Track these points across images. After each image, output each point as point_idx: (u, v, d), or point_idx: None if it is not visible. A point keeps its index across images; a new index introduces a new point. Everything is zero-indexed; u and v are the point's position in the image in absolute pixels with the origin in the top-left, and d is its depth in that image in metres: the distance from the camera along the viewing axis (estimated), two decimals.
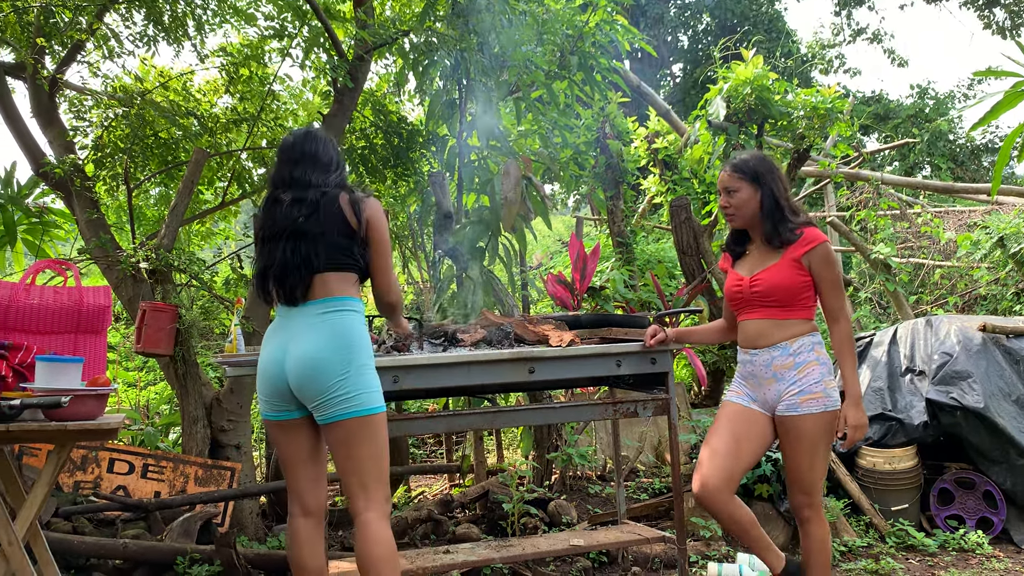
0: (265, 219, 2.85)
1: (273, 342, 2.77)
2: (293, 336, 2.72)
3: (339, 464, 2.73)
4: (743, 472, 3.04)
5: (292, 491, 2.84)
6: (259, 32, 5.61)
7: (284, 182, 2.85)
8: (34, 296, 3.28)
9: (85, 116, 5.36)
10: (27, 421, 2.61)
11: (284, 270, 2.75)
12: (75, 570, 4.05)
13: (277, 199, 2.83)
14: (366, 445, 2.68)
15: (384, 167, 6.27)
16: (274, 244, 2.78)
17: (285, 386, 2.72)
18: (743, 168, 3.09)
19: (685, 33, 21.97)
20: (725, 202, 3.13)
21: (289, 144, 2.90)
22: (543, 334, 3.60)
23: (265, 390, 2.77)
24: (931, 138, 15.74)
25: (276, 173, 2.90)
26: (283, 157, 2.89)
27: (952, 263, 8.60)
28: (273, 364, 2.73)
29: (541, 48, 5.33)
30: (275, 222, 2.79)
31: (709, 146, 6.43)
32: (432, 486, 6.63)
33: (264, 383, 2.76)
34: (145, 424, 6.30)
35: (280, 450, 2.85)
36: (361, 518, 2.69)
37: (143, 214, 6.47)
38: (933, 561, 4.27)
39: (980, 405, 4.51)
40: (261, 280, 2.83)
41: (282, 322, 2.79)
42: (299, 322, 2.74)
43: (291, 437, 2.80)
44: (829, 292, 3.01)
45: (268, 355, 2.76)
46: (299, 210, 2.77)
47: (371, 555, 2.65)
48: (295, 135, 2.93)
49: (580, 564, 4.29)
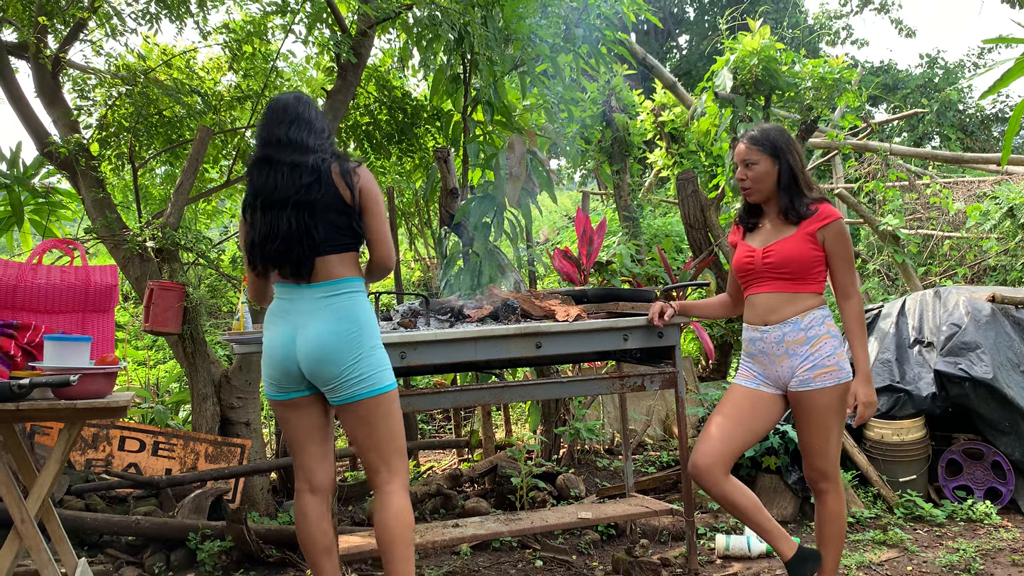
0: (263, 182, 2.71)
1: (279, 326, 2.72)
2: (301, 321, 2.68)
3: (358, 442, 2.74)
4: (736, 453, 3.01)
5: (300, 468, 2.84)
6: (262, 8, 5.57)
7: (279, 142, 2.73)
8: (41, 276, 3.29)
9: (89, 95, 5.35)
10: (37, 400, 2.63)
11: (288, 244, 2.67)
12: (88, 547, 4.09)
13: (271, 160, 2.71)
14: (383, 422, 2.71)
15: (389, 143, 6.25)
16: (276, 213, 2.68)
17: (296, 369, 2.69)
18: (762, 141, 3.04)
19: (691, 4, 21.75)
20: (743, 175, 3.08)
21: (283, 104, 2.78)
22: (550, 309, 3.60)
23: (273, 373, 2.73)
24: (940, 108, 15.58)
25: (267, 132, 2.76)
26: (276, 117, 2.76)
27: (961, 234, 8.54)
28: (282, 349, 2.69)
29: (545, 21, 5.27)
30: (276, 187, 2.68)
31: (716, 118, 6.38)
32: (441, 461, 6.67)
33: (272, 367, 2.72)
34: (155, 402, 6.34)
35: (288, 429, 2.82)
36: (384, 489, 2.73)
37: (149, 193, 6.47)
38: (941, 531, 4.28)
39: (989, 376, 4.50)
40: (260, 251, 2.72)
41: (285, 304, 2.73)
42: (305, 306, 2.69)
43: (300, 414, 2.79)
44: (841, 268, 2.99)
45: (275, 339, 2.71)
46: (301, 177, 2.67)
47: (394, 526, 2.69)
48: (287, 96, 2.81)
49: (588, 537, 4.32)
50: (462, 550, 4.16)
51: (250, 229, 2.74)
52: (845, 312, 3.00)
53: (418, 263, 10.06)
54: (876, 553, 3.96)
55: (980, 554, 3.87)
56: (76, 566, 3.10)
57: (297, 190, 2.66)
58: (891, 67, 17.82)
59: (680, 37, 21.98)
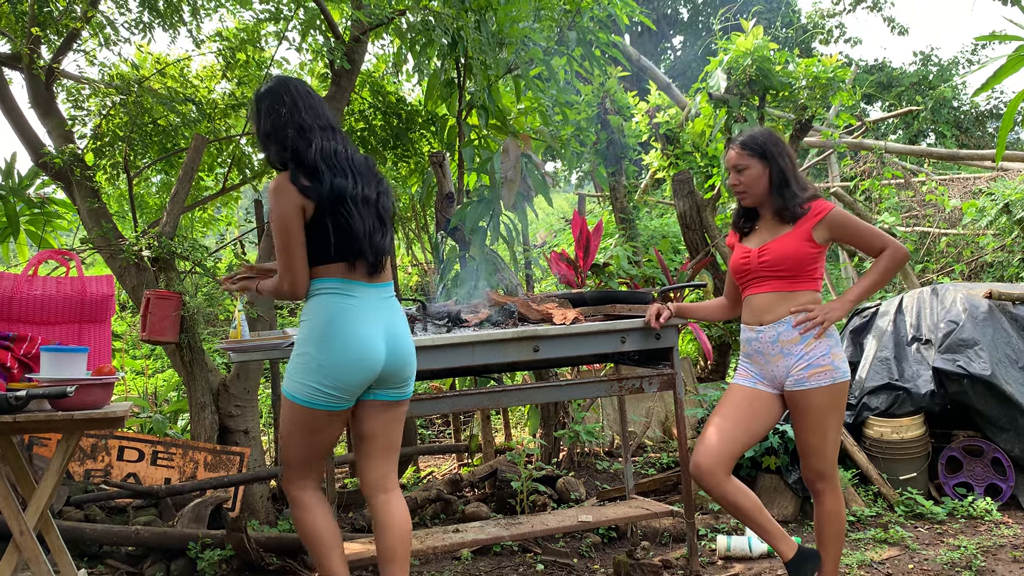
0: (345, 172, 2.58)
1: (368, 325, 2.58)
2: (387, 318, 2.65)
3: (387, 440, 2.74)
4: (737, 454, 3.02)
5: (310, 467, 2.72)
6: (255, 16, 5.57)
7: (331, 127, 2.64)
8: (37, 287, 3.28)
9: (83, 105, 5.34)
10: (34, 411, 2.63)
11: (381, 241, 2.63)
12: (88, 558, 4.08)
13: (336, 151, 2.59)
14: (403, 421, 2.81)
15: (384, 148, 6.24)
16: (366, 208, 2.60)
17: (379, 371, 2.61)
18: (751, 145, 3.06)
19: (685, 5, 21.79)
20: (735, 180, 3.10)
21: (296, 86, 2.68)
22: (547, 312, 3.60)
23: (357, 378, 2.57)
24: (935, 105, 15.60)
25: (308, 114, 2.62)
26: (309, 99, 2.66)
27: (958, 231, 8.56)
28: (375, 350, 2.57)
29: (539, 24, 5.29)
30: (356, 179, 2.59)
31: (711, 119, 6.39)
32: (441, 466, 6.66)
33: (361, 370, 2.56)
34: (153, 411, 6.33)
35: (321, 437, 2.67)
36: (393, 494, 2.75)
37: (144, 202, 6.46)
38: (942, 529, 4.28)
39: (987, 372, 4.50)
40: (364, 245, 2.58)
41: (363, 303, 2.59)
42: (383, 303, 2.65)
43: (341, 422, 2.69)
44: (863, 242, 3.00)
45: (367, 340, 2.56)
46: (372, 172, 2.65)
47: (403, 530, 2.72)
48: (287, 78, 2.72)
49: (589, 540, 4.31)
50: (463, 555, 4.15)
51: (345, 219, 2.55)
52: (880, 258, 2.98)
53: (415, 268, 10.05)
54: (877, 551, 3.95)
55: (981, 551, 3.87)
56: None
57: (375, 184, 2.66)
58: (885, 65, 17.83)
59: (674, 38, 22.01)
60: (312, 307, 2.60)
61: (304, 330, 2.60)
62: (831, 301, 2.99)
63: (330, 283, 2.58)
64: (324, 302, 2.58)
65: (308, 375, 2.55)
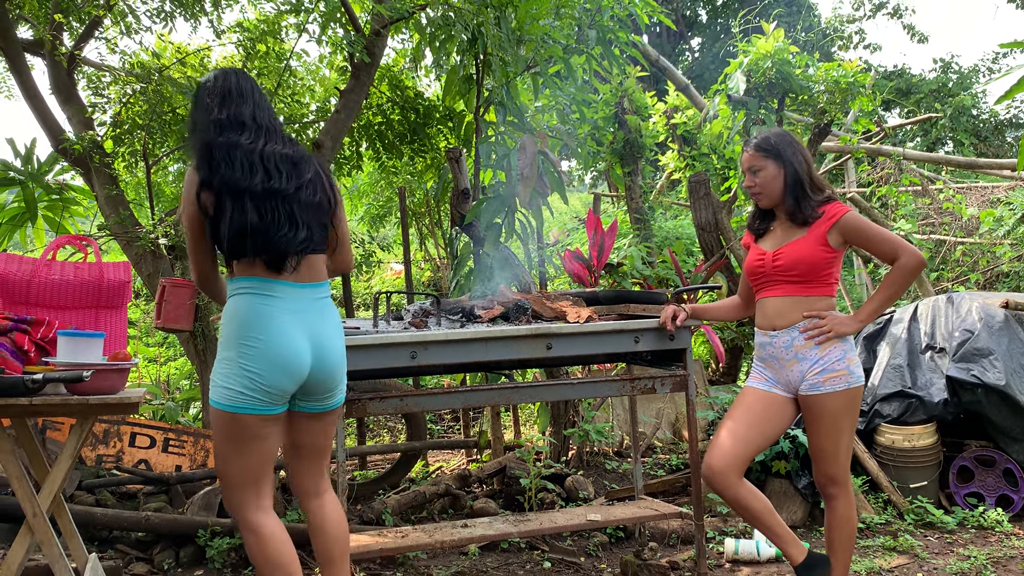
0: (252, 167, 2.42)
1: (294, 329, 2.43)
2: (313, 323, 2.48)
3: (316, 448, 2.67)
4: (750, 456, 3.01)
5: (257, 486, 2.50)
6: (276, 7, 5.59)
7: (246, 126, 2.48)
8: (55, 272, 3.30)
9: (103, 92, 5.37)
10: (49, 395, 2.64)
11: (286, 237, 2.43)
12: (98, 542, 4.11)
13: (239, 145, 2.43)
14: (334, 428, 2.74)
15: (401, 143, 6.25)
16: (273, 202, 2.42)
17: (306, 376, 2.47)
18: (765, 146, 3.05)
19: (704, 7, 21.72)
20: (751, 182, 3.09)
21: (233, 82, 2.53)
22: (560, 310, 3.59)
23: (283, 383, 2.42)
24: (954, 113, 15.51)
25: (227, 113, 2.48)
26: (233, 94, 2.50)
27: (974, 240, 8.50)
28: (298, 355, 2.42)
29: (559, 22, 5.28)
30: (268, 175, 2.43)
31: (729, 121, 6.37)
32: (450, 461, 6.67)
33: (285, 375, 2.41)
34: (166, 399, 6.36)
35: (256, 447, 2.46)
36: (325, 497, 2.70)
37: (162, 191, 6.50)
38: (952, 538, 4.26)
39: (1001, 382, 4.47)
40: (261, 240, 2.41)
41: (284, 303, 2.44)
42: (310, 306, 2.49)
43: (279, 428, 2.53)
44: (877, 247, 2.97)
45: (291, 344, 2.42)
46: (295, 168, 2.48)
47: (338, 532, 2.68)
48: (229, 72, 2.57)
49: (597, 539, 4.31)
50: (470, 550, 4.16)
51: (242, 213, 2.40)
52: (894, 267, 2.95)
53: (428, 263, 10.07)
54: (886, 559, 3.94)
55: (991, 562, 3.85)
56: (87, 561, 3.11)
57: (295, 179, 2.48)
58: (904, 71, 17.75)
59: (693, 40, 21.95)
60: (228, 308, 2.47)
61: (223, 333, 2.44)
62: (844, 315, 2.98)
63: (248, 282, 2.44)
64: (239, 303, 2.43)
65: (231, 379, 2.38)
